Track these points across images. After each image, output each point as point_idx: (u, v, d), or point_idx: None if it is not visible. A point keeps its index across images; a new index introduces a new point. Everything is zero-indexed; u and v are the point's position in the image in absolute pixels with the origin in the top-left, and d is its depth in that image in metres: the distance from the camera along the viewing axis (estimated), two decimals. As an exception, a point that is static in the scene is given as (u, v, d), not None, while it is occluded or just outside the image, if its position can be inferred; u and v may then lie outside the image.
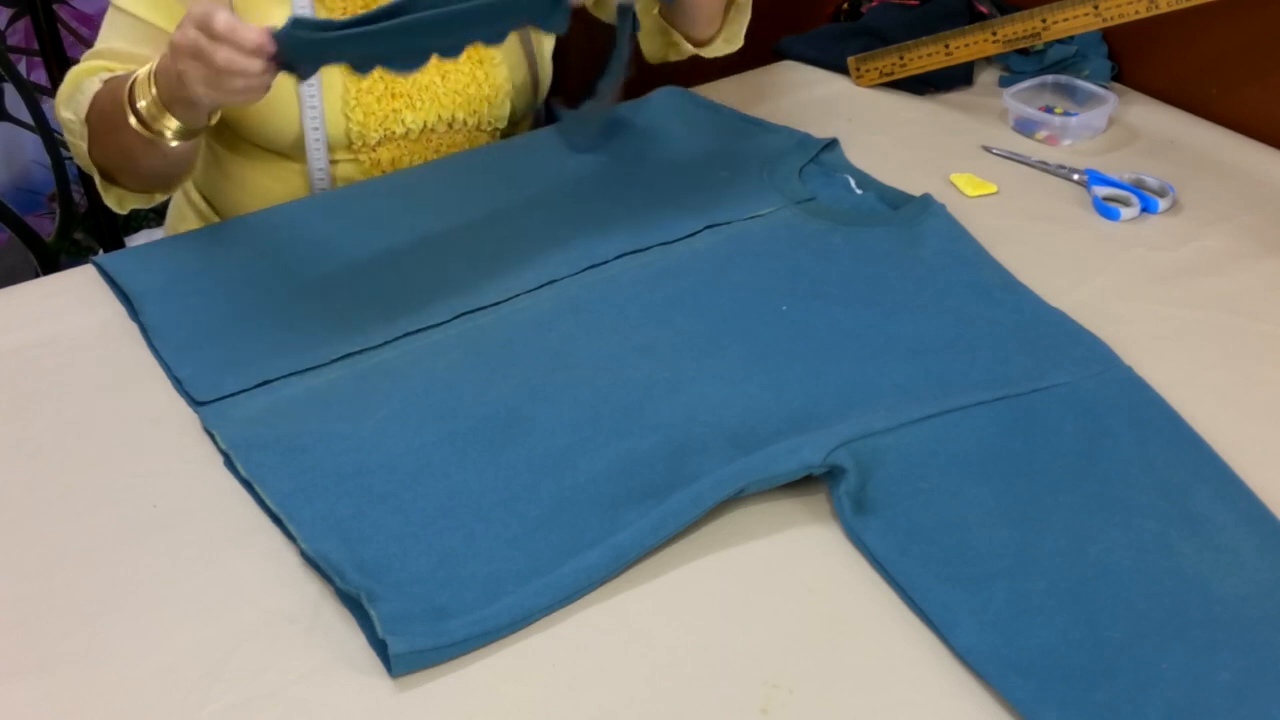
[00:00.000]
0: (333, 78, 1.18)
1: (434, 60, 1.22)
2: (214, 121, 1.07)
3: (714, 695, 0.72)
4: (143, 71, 1.03)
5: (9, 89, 1.97)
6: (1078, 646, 0.73)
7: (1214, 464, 0.87)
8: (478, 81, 1.25)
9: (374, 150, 1.23)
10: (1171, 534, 0.81)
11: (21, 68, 1.97)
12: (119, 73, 1.09)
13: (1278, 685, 0.71)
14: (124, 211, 1.18)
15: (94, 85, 1.09)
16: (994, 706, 0.71)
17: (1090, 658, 0.73)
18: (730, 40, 1.34)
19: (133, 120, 1.03)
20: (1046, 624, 0.75)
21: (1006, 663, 0.72)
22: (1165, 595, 0.77)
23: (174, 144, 1.05)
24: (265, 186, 1.25)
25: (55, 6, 1.90)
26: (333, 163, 1.23)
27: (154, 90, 1.01)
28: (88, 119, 1.09)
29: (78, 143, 1.12)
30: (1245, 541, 0.81)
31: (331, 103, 1.19)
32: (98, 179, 1.15)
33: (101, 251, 2.04)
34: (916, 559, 0.79)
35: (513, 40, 1.28)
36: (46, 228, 2.12)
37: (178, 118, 1.02)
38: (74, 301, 1.04)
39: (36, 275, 1.79)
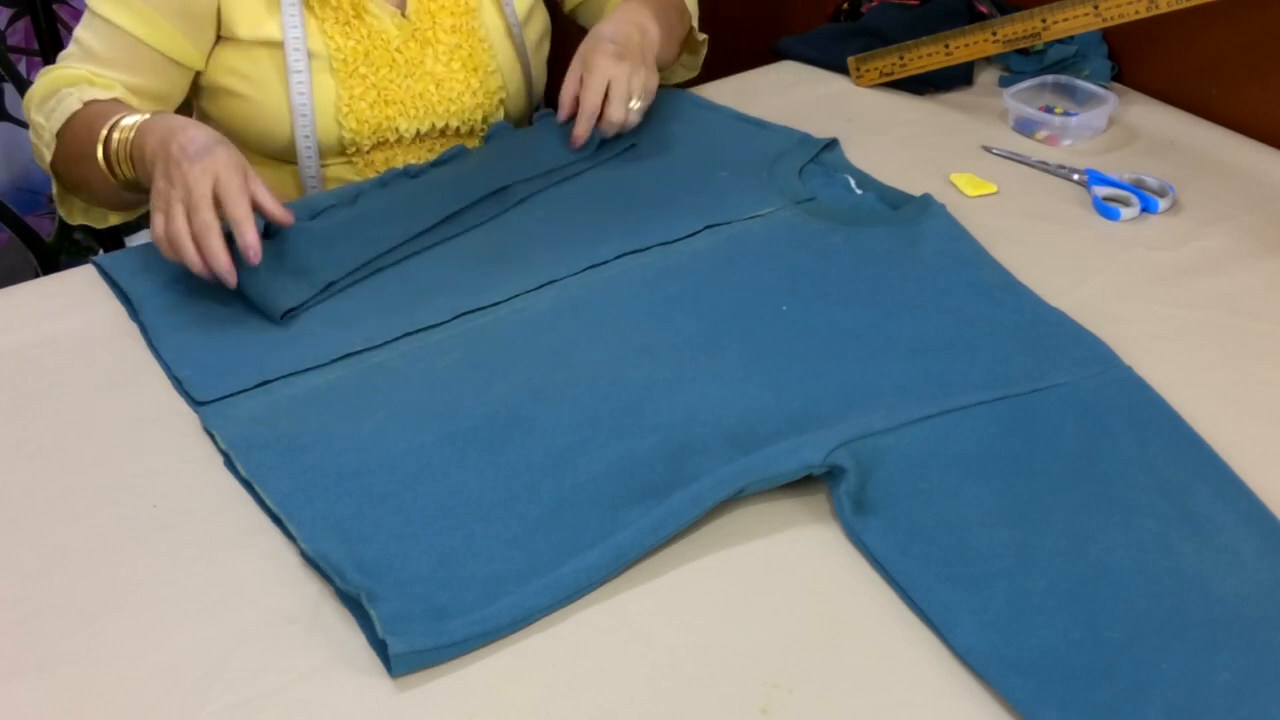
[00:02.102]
0: (324, 84, 1.18)
1: (428, 68, 1.22)
2: None
3: (714, 695, 0.72)
4: (128, 123, 1.03)
5: (9, 89, 1.97)
6: (1078, 646, 0.73)
7: (1214, 464, 0.87)
8: (472, 89, 1.25)
9: (367, 155, 1.23)
10: (1171, 534, 0.81)
11: (21, 68, 1.97)
12: (99, 95, 1.09)
13: (1278, 685, 0.71)
14: (74, 223, 1.19)
15: (73, 103, 1.08)
16: (994, 706, 0.71)
17: (1090, 658, 0.73)
18: (688, 69, 1.38)
19: (100, 161, 1.05)
20: (1046, 624, 0.75)
21: (1006, 663, 0.72)
22: (1165, 595, 0.77)
23: (128, 194, 1.09)
24: None
25: (55, 6, 1.90)
26: (326, 165, 1.23)
27: (130, 145, 1.03)
28: (59, 135, 1.09)
29: (43, 150, 1.12)
30: (1245, 541, 0.81)
31: (324, 109, 1.19)
32: (55, 187, 1.16)
33: (101, 251, 2.04)
34: (916, 559, 0.79)
35: (507, 47, 1.28)
36: (46, 228, 2.12)
37: (141, 177, 1.04)
38: (74, 301, 1.04)
39: (36, 275, 1.79)
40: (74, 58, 1.14)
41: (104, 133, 1.04)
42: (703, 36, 1.39)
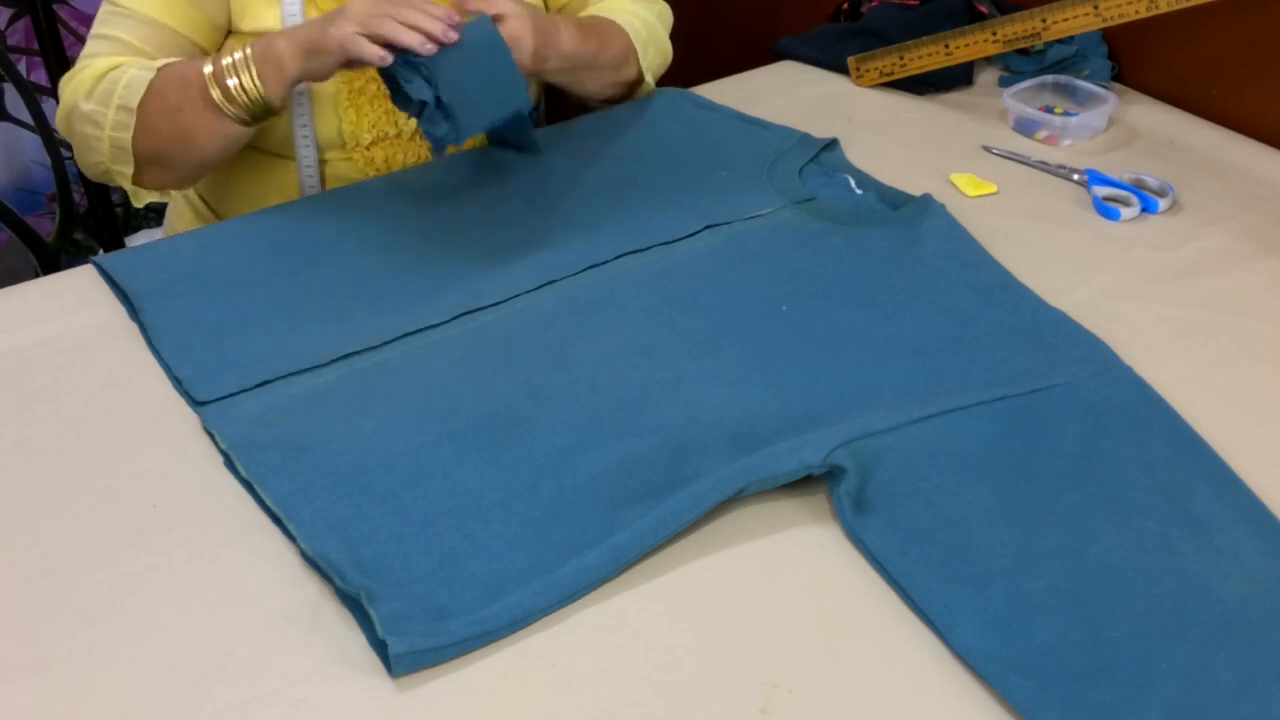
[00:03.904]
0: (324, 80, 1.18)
1: None
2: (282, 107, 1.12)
3: (714, 695, 0.72)
4: (233, 55, 1.07)
5: (9, 89, 1.97)
6: (1078, 646, 0.73)
7: (1214, 464, 0.87)
8: None
9: (367, 150, 1.23)
10: (1172, 534, 0.81)
11: (21, 68, 1.97)
12: (169, 61, 1.10)
13: (1278, 685, 0.71)
14: (141, 205, 1.18)
15: (141, 74, 1.09)
16: (994, 706, 0.71)
17: (1090, 658, 0.73)
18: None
19: (218, 95, 1.07)
20: (1046, 624, 0.75)
21: (1006, 663, 0.72)
22: (1165, 595, 0.77)
23: (238, 126, 1.10)
24: (256, 183, 1.25)
25: (55, 6, 1.90)
26: (325, 161, 1.23)
27: (253, 68, 1.07)
28: (140, 105, 1.08)
29: (110, 134, 1.10)
30: (1245, 541, 0.81)
31: (323, 103, 1.19)
32: (129, 172, 1.13)
33: (101, 251, 2.04)
34: (916, 559, 0.79)
35: None
36: (46, 228, 2.12)
37: (270, 94, 1.08)
38: (74, 301, 1.04)
39: (36, 275, 1.79)
40: (99, 55, 1.13)
41: (209, 73, 1.07)
42: (654, 88, 1.36)
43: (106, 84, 1.10)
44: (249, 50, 1.07)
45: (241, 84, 1.07)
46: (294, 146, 1.20)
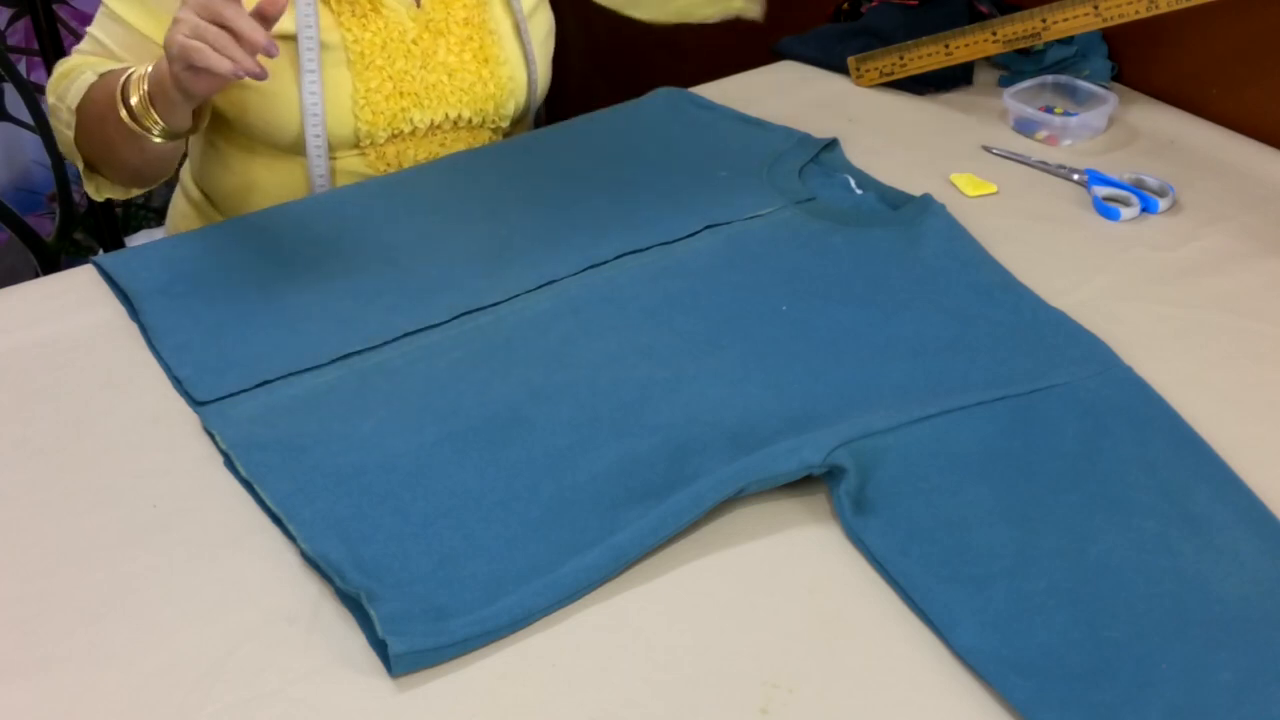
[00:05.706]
0: (341, 77, 1.18)
1: (440, 58, 1.23)
2: (200, 127, 1.11)
3: (714, 695, 0.72)
4: (139, 69, 1.06)
5: (9, 89, 1.97)
6: (1078, 646, 0.73)
7: (1214, 464, 0.87)
8: (483, 80, 1.26)
9: (381, 147, 1.24)
10: (1172, 534, 0.81)
11: (21, 68, 1.97)
12: (114, 68, 1.12)
13: (1278, 685, 0.71)
14: (100, 199, 1.21)
15: (88, 77, 1.11)
16: (994, 706, 0.71)
17: (1090, 658, 0.73)
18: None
19: (123, 114, 1.05)
20: (1046, 624, 0.75)
21: (1006, 663, 0.72)
22: (1165, 595, 0.77)
23: (157, 142, 1.07)
24: (265, 180, 1.25)
25: (55, 6, 1.90)
26: (336, 158, 1.23)
27: (145, 87, 1.04)
28: (78, 109, 1.11)
29: (64, 130, 1.14)
30: (1245, 541, 0.81)
31: (340, 103, 1.19)
32: (81, 166, 1.17)
33: (101, 251, 2.04)
34: (916, 559, 0.79)
35: (514, 40, 1.28)
36: (46, 228, 2.12)
37: (161, 117, 1.05)
38: (74, 301, 1.04)
39: (36, 275, 1.79)
40: (87, 52, 1.16)
41: (119, 86, 1.06)
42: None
43: (68, 82, 1.13)
44: (148, 67, 1.04)
45: (139, 103, 1.04)
46: (304, 146, 1.20)
